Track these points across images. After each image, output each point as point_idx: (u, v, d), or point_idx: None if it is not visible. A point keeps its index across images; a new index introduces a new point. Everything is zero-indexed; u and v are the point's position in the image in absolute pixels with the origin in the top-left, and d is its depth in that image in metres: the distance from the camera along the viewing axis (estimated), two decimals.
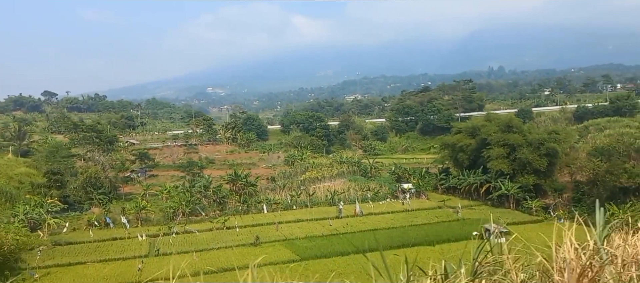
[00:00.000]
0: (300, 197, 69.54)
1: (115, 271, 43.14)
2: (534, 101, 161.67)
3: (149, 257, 47.04)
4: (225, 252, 48.16)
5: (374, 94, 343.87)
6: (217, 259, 45.60)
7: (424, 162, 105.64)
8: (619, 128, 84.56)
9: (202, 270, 41.88)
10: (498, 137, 66.59)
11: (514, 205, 63.33)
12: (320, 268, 42.29)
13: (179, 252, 48.27)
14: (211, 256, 46.71)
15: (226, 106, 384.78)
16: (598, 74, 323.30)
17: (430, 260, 15.09)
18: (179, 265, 16.07)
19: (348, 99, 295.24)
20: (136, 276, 40.67)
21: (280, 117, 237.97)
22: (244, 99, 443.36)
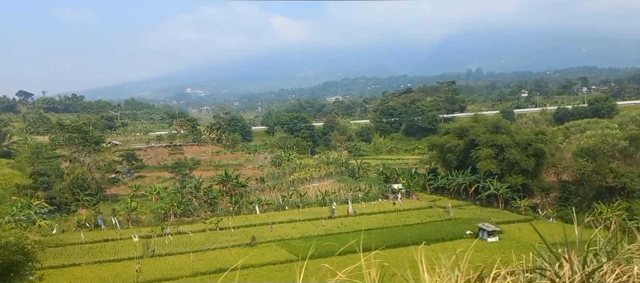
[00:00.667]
0: (292, 197, 69.64)
1: (112, 272, 42.62)
2: (515, 103, 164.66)
3: (144, 258, 46.55)
4: (222, 253, 47.98)
5: (355, 95, 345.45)
6: (215, 260, 45.41)
7: (410, 162, 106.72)
8: (599, 129, 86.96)
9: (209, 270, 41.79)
10: (486, 138, 67.78)
11: (502, 205, 64.56)
12: (318, 268, 42.41)
13: (175, 253, 47.96)
14: (208, 257, 46.48)
15: (206, 107, 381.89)
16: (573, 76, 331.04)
17: (436, 259, 15.52)
18: (177, 266, 16.42)
19: (329, 100, 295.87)
20: (134, 277, 40.27)
21: (261, 118, 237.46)
22: (223, 99, 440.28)
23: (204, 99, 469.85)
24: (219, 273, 41.86)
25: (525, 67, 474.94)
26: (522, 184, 63.84)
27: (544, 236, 4.18)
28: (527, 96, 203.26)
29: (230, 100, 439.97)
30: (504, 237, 49.29)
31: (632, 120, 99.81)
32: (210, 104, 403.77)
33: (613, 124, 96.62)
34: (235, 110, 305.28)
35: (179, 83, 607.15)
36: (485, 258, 23.99)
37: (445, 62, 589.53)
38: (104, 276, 41.61)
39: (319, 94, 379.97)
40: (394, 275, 6.71)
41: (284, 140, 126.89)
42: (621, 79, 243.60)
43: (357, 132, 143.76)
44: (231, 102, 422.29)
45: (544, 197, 63.10)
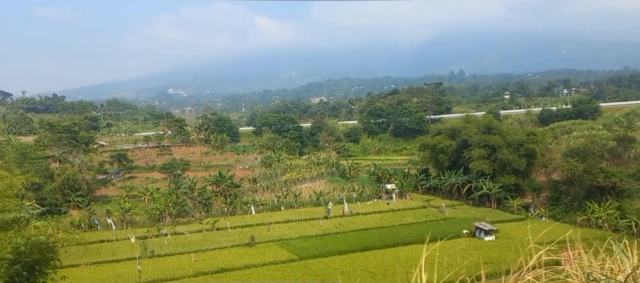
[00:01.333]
0: (287, 198, 69.73)
1: (113, 273, 42.21)
2: (499, 104, 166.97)
3: (142, 259, 46.19)
4: (221, 253, 47.87)
5: (339, 96, 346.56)
6: (215, 260, 45.27)
7: (400, 163, 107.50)
8: (584, 130, 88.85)
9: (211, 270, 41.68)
10: (479, 138, 68.73)
11: (495, 205, 65.54)
12: (321, 267, 42.68)
13: (174, 254, 47.70)
14: (208, 257, 46.31)
15: (189, 107, 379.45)
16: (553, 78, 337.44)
17: (446, 258, 16.11)
18: (177, 266, 16.63)
19: (313, 101, 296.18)
20: (137, 277, 39.99)
21: (245, 119, 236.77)
22: (206, 100, 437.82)
23: (187, 100, 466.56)
24: (221, 273, 41.85)
25: (506, 69, 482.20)
26: (514, 184, 64.94)
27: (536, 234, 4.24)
28: (510, 98, 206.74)
29: (214, 100, 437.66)
30: (500, 235, 50.09)
31: (615, 121, 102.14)
32: (193, 104, 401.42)
33: (598, 125, 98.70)
34: (218, 111, 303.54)
35: (161, 83, 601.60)
36: (485, 256, 25.07)
37: (429, 63, 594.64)
38: (105, 277, 41.21)
39: (302, 94, 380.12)
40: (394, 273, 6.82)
41: (273, 141, 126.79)
42: (600, 81, 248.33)
43: (345, 133, 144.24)
44: (214, 102, 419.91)
45: (536, 197, 64.25)
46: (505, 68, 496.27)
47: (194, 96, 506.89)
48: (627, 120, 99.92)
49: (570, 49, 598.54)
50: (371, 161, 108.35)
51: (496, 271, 40.00)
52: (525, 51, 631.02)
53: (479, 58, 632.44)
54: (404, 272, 40.55)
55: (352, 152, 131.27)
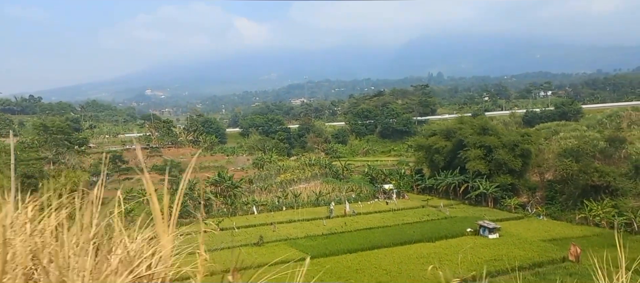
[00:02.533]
0: (287, 198, 70.11)
1: None
2: (483, 106, 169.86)
3: None
4: (233, 253, 47.94)
5: (320, 97, 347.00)
6: (228, 259, 45.22)
7: (389, 163, 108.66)
8: (569, 131, 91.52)
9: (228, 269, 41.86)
10: (475, 139, 70.24)
11: (492, 204, 67.03)
12: (335, 266, 43.19)
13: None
14: (220, 256, 46.18)
15: (167, 109, 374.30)
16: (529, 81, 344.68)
17: (459, 255, 17.76)
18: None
19: (294, 102, 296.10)
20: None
21: (227, 120, 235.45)
22: (186, 101, 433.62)
23: (165, 101, 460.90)
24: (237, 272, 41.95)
25: (483, 71, 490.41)
26: (510, 184, 66.59)
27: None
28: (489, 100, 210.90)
29: (193, 102, 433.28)
30: (502, 233, 51.38)
31: (598, 122, 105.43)
32: (172, 106, 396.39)
33: (582, 127, 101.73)
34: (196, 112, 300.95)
35: (138, 84, 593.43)
36: (494, 253, 26.41)
37: (407, 66, 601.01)
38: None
39: (283, 96, 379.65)
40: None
41: (263, 142, 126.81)
42: (575, 84, 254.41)
43: (332, 134, 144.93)
44: (193, 104, 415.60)
45: (531, 196, 66.00)
46: (482, 71, 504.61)
47: (172, 97, 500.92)
48: (610, 121, 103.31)
49: (545, 53, 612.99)
50: (361, 162, 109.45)
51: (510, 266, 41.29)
52: (501, 54, 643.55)
53: (455, 61, 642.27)
54: (418, 269, 41.42)
55: (340, 153, 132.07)
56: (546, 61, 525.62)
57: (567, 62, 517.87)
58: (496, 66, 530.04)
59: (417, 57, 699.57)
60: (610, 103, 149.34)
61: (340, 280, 40.09)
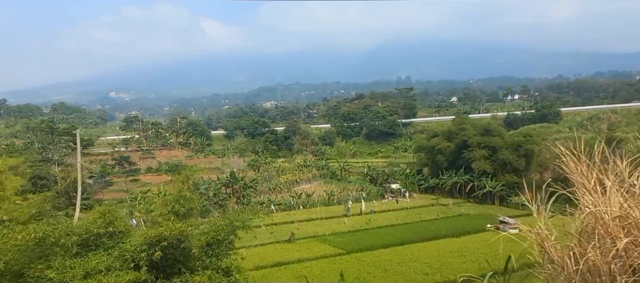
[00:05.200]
0: (300, 197, 71.19)
1: None
2: (462, 108, 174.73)
3: None
4: (264, 249, 48.70)
5: (291, 100, 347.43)
6: (267, 255, 46.10)
7: (380, 165, 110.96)
8: (553, 133, 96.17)
9: (269, 264, 42.70)
10: (479, 140, 73.31)
11: (498, 202, 70.06)
12: (374, 260, 44.65)
13: None
14: (255, 253, 46.98)
15: (134, 112, 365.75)
16: (495, 85, 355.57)
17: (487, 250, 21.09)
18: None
19: (266, 105, 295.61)
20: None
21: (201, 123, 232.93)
22: (153, 104, 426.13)
23: (131, 104, 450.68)
24: (280, 266, 43.02)
25: (448, 75, 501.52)
26: (515, 182, 69.77)
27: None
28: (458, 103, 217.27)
29: (160, 104, 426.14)
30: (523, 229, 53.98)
31: (579, 124, 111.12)
32: (138, 108, 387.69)
33: (564, 128, 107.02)
34: (167, 115, 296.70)
35: (102, 86, 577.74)
36: (520, 246, 29.14)
37: (375, 69, 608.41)
38: None
39: (253, 99, 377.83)
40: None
41: (253, 145, 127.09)
42: (540, 88, 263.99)
43: (319, 137, 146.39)
44: (161, 106, 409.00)
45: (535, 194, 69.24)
46: (447, 75, 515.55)
47: (138, 100, 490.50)
48: (590, 123, 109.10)
49: (507, 58, 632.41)
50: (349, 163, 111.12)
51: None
52: (465, 59, 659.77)
53: (422, 65, 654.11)
54: (458, 262, 43.44)
55: (328, 155, 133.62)
56: (509, 66, 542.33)
57: (528, 67, 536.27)
58: (460, 70, 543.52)
59: (384, 60, 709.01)
60: (582, 106, 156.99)
61: (388, 272, 41.67)
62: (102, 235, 20.24)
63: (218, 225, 23.03)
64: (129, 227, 22.60)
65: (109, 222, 20.77)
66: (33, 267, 18.36)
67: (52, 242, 19.25)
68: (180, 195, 23.81)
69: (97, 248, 19.97)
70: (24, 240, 19.07)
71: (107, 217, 20.85)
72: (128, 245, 19.67)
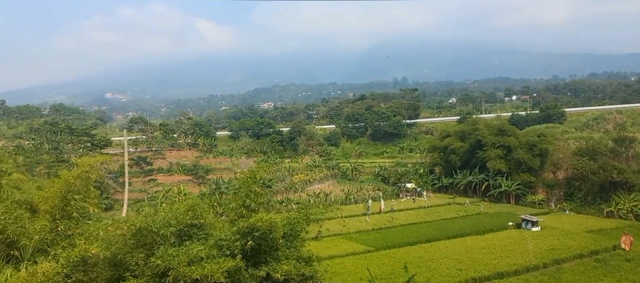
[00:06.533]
0: (318, 197, 71.85)
1: None
2: (465, 109, 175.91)
3: None
4: None
5: (288, 101, 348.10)
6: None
7: (387, 165, 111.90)
8: (560, 134, 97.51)
9: None
10: (494, 140, 74.45)
11: (513, 201, 71.15)
12: (403, 256, 45.36)
13: None
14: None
15: (131, 113, 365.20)
16: (491, 86, 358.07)
17: (529, 244, 22.90)
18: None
19: (263, 106, 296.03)
20: None
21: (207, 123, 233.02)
22: (149, 105, 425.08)
23: (127, 105, 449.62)
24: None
25: (444, 77, 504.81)
26: (529, 181, 70.97)
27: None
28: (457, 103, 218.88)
29: (157, 105, 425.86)
30: (543, 227, 55.04)
31: (585, 125, 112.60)
32: (135, 109, 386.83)
33: (570, 129, 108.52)
34: (164, 116, 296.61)
35: (97, 87, 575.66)
36: (546, 244, 31.48)
37: (370, 70, 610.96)
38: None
39: (250, 100, 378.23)
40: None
41: (261, 145, 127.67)
42: (537, 89, 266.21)
43: (324, 137, 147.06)
44: (158, 108, 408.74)
45: (549, 193, 70.54)
46: (443, 76, 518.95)
47: (134, 101, 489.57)
48: (596, 123, 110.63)
49: (503, 59, 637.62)
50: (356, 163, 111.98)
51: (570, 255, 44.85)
52: (460, 60, 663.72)
53: (417, 66, 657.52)
54: (487, 258, 44.29)
55: (333, 155, 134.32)
56: (503, 67, 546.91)
57: (523, 68, 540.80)
58: (456, 71, 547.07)
59: (379, 62, 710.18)
60: (582, 107, 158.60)
61: (421, 269, 42.41)
62: (193, 226, 21.05)
63: (294, 218, 24.01)
64: (210, 220, 23.36)
65: (198, 214, 21.57)
66: (134, 255, 19.12)
67: (148, 232, 20.00)
68: (249, 190, 24.67)
69: (189, 238, 20.79)
70: (128, 231, 19.80)
71: (196, 211, 21.64)
72: (222, 234, 20.49)
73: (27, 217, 19.90)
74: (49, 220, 20.13)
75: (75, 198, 21.22)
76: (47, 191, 20.97)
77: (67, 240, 19.91)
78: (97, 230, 21.01)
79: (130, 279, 19.18)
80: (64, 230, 20.10)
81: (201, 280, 18.86)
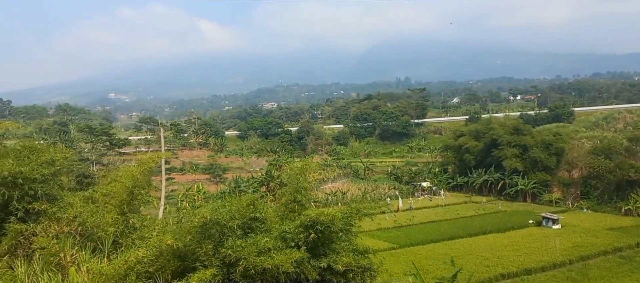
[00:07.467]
0: (336, 195, 72.42)
1: None
2: (472, 109, 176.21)
3: None
4: None
5: (291, 101, 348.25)
6: None
7: (398, 164, 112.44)
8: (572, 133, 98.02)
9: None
10: (509, 139, 75.08)
11: (530, 199, 71.72)
12: (428, 253, 46.03)
13: None
14: None
15: (135, 113, 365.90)
16: (494, 86, 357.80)
17: (556, 241, 23.92)
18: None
19: (267, 106, 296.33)
20: None
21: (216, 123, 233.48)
22: (153, 105, 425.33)
23: (131, 105, 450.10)
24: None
25: (445, 77, 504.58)
26: (545, 180, 71.54)
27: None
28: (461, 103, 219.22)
29: (160, 106, 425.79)
30: (563, 225, 55.63)
31: (594, 124, 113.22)
32: (139, 109, 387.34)
33: (580, 128, 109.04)
34: (167, 116, 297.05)
35: (99, 88, 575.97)
36: (569, 241, 32.59)
37: (372, 71, 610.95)
38: None
39: (253, 100, 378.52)
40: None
41: (270, 145, 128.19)
42: (541, 89, 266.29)
43: (332, 137, 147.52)
44: (161, 108, 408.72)
45: (565, 192, 71.14)
46: (445, 76, 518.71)
47: (137, 101, 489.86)
48: (606, 123, 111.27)
49: (505, 59, 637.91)
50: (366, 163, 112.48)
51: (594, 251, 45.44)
52: (462, 60, 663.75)
53: (418, 66, 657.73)
54: (512, 255, 44.90)
55: (342, 155, 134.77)
56: (506, 67, 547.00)
57: (524, 68, 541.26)
58: (456, 72, 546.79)
59: (380, 62, 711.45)
60: (588, 107, 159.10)
61: (447, 265, 42.97)
62: (255, 220, 21.79)
63: (346, 212, 24.71)
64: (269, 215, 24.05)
65: (259, 209, 22.28)
66: (203, 246, 19.84)
67: (215, 225, 20.72)
68: (298, 185, 25.35)
69: (252, 231, 21.53)
70: (198, 223, 20.49)
71: (256, 205, 22.35)
72: (286, 226, 21.23)
73: (101, 211, 20.56)
74: (117, 213, 20.85)
75: (142, 193, 21.91)
76: (113, 186, 21.70)
77: (136, 232, 20.61)
78: (163, 223, 21.67)
79: (201, 269, 19.88)
80: (133, 223, 20.81)
81: (270, 269, 19.58)
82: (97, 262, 17.71)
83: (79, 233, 19.29)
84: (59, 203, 16.65)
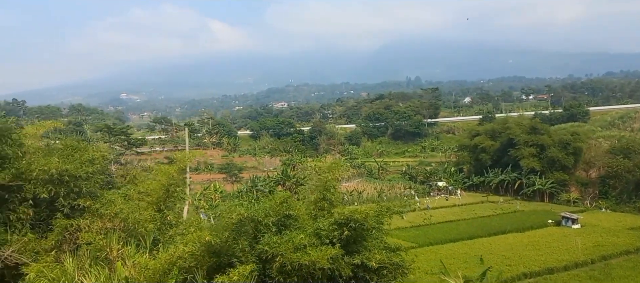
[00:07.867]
0: (352, 195, 72.59)
1: None
2: (484, 108, 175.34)
3: None
4: None
5: (301, 101, 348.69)
6: None
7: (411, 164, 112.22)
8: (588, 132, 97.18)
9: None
10: (526, 138, 74.73)
11: (547, 199, 71.30)
12: (449, 253, 45.94)
13: None
14: None
15: (146, 113, 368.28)
16: (506, 85, 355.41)
17: (578, 241, 23.67)
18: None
19: (277, 106, 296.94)
20: None
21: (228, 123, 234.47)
22: (164, 105, 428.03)
23: (142, 105, 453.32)
24: None
25: (455, 76, 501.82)
26: (563, 180, 71.11)
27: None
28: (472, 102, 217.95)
29: (171, 106, 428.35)
30: (583, 224, 55.29)
31: (610, 123, 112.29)
32: (150, 110, 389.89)
33: (596, 127, 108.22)
34: (178, 116, 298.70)
35: (111, 88, 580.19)
36: (590, 241, 32.38)
37: (381, 70, 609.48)
38: None
39: (263, 100, 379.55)
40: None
41: (283, 145, 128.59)
42: (554, 88, 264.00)
43: (345, 137, 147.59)
44: (172, 108, 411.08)
45: (583, 191, 70.67)
46: (456, 75, 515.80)
47: (148, 101, 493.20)
48: (622, 122, 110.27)
49: (517, 58, 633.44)
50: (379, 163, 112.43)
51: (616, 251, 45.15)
52: (473, 60, 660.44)
53: (429, 66, 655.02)
54: (533, 255, 44.73)
55: (355, 155, 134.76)
56: (519, 66, 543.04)
57: (536, 67, 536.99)
58: (467, 71, 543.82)
59: (390, 62, 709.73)
60: (602, 106, 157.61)
61: (468, 264, 42.89)
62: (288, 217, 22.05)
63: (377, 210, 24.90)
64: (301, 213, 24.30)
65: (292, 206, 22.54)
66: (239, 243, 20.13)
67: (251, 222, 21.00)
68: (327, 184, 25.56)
69: (286, 228, 21.80)
70: (235, 219, 20.79)
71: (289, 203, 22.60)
72: (321, 224, 21.45)
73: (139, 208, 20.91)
74: (154, 210, 21.22)
75: (177, 190, 22.23)
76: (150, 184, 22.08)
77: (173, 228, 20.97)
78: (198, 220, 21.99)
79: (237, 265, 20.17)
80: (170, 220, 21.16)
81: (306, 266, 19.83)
82: (141, 257, 18.08)
83: (121, 229, 19.70)
84: (100, 200, 16.94)
